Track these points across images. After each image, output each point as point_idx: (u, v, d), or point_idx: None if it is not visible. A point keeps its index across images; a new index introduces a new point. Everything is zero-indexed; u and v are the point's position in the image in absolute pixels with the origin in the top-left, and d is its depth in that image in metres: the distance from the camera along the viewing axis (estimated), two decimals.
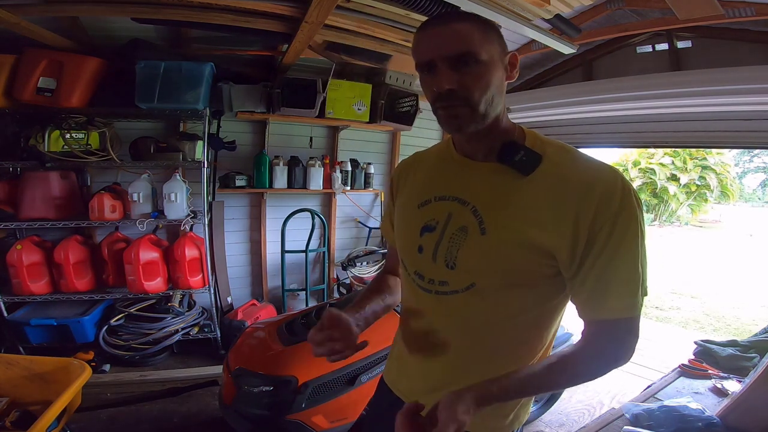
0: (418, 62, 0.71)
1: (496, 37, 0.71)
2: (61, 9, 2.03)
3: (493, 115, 0.71)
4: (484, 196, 0.74)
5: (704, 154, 12.41)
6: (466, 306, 0.75)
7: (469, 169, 0.78)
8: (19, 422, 1.45)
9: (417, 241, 0.80)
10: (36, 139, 2.39)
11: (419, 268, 0.80)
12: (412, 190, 0.86)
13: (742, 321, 5.13)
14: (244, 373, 1.70)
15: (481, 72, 0.68)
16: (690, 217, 13.80)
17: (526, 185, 0.71)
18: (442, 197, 0.79)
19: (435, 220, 0.78)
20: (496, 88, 0.70)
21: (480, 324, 0.76)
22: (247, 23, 2.19)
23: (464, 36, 0.67)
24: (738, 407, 1.56)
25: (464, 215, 0.75)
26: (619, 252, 0.66)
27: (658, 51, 2.92)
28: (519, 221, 0.70)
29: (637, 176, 13.05)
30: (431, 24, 0.70)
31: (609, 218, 0.66)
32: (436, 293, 0.77)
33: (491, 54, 0.69)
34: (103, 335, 2.58)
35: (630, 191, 0.67)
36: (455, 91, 0.68)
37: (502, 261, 0.71)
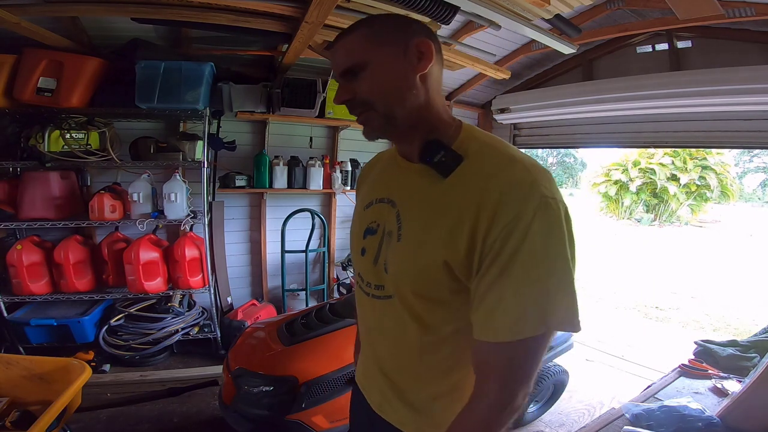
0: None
1: (390, 35, 0.68)
2: (61, 9, 2.03)
3: (402, 112, 0.68)
4: (406, 199, 0.72)
5: (704, 154, 12.40)
6: (393, 312, 0.73)
7: (403, 171, 0.76)
8: (19, 422, 1.45)
9: (361, 243, 0.79)
10: (36, 139, 2.39)
11: (361, 270, 0.79)
12: (365, 192, 0.85)
13: (742, 321, 5.12)
14: (244, 373, 1.70)
15: (370, 76, 0.67)
16: (690, 217, 13.80)
17: (443, 189, 0.67)
18: (380, 199, 0.78)
19: (376, 223, 0.77)
20: (395, 85, 0.67)
21: (403, 331, 0.73)
22: (247, 23, 2.19)
23: (349, 49, 0.68)
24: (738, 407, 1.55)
25: (391, 219, 0.73)
26: (511, 268, 0.59)
27: (658, 51, 2.92)
28: (426, 229, 0.67)
29: (637, 176, 13.06)
30: (331, 44, 0.72)
31: (504, 228, 0.59)
32: (372, 297, 0.77)
33: (381, 55, 0.67)
34: (103, 335, 2.58)
35: (534, 198, 0.59)
36: (354, 100, 0.69)
37: (410, 270, 0.68)
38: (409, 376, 0.77)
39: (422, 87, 0.69)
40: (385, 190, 0.78)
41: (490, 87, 3.75)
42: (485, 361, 0.64)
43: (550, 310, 0.60)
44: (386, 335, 0.78)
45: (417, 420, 0.77)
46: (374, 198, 0.79)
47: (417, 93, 0.68)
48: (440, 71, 0.73)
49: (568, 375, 2.37)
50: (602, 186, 14.28)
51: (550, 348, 2.16)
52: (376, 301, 0.76)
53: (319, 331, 1.82)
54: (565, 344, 2.27)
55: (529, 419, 2.27)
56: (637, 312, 5.27)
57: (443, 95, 0.75)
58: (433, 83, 0.70)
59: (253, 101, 2.91)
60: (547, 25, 2.44)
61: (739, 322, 5.10)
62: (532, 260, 0.59)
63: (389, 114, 0.68)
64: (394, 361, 0.79)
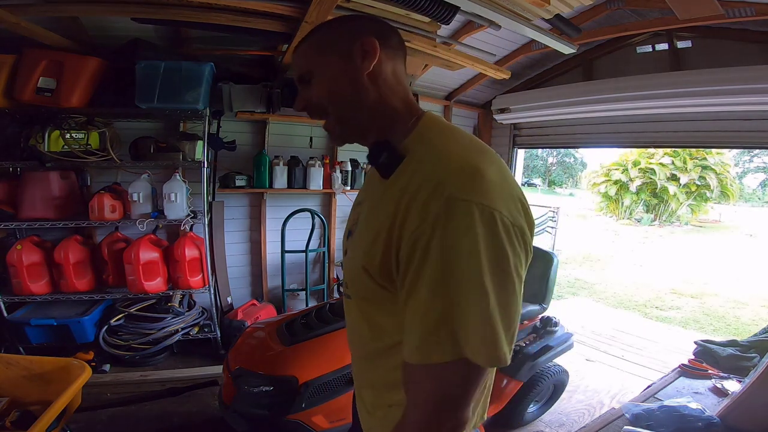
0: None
1: (334, 40, 0.67)
2: (61, 9, 2.03)
3: (353, 115, 0.69)
4: (367, 201, 0.73)
5: (704, 154, 12.41)
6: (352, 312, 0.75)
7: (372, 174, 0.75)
8: (19, 422, 1.45)
9: (345, 244, 0.79)
10: (36, 139, 2.39)
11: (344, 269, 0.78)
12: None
13: (742, 321, 5.13)
14: (244, 373, 1.70)
15: (318, 83, 0.68)
16: (690, 217, 13.80)
17: (382, 190, 0.64)
18: (359, 201, 0.79)
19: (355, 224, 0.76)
20: (341, 89, 0.67)
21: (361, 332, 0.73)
22: (247, 23, 2.19)
23: (299, 58, 0.70)
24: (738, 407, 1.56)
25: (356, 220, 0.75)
26: (420, 281, 0.53)
27: (658, 51, 2.92)
28: (362, 232, 0.68)
29: (637, 176, 13.06)
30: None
31: (412, 235, 0.53)
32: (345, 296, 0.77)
33: (326, 61, 0.67)
34: (103, 335, 2.58)
35: (438, 199, 0.52)
36: (310, 107, 0.70)
37: (351, 271, 0.70)
38: (365, 379, 0.77)
39: (372, 86, 0.67)
40: (362, 192, 0.81)
41: (490, 87, 3.76)
42: (405, 382, 0.60)
43: (463, 337, 0.51)
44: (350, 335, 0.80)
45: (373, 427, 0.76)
46: (356, 201, 0.82)
47: (367, 94, 0.67)
48: (396, 66, 0.70)
49: (568, 375, 2.37)
50: (602, 186, 14.28)
51: (550, 348, 2.17)
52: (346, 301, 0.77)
53: (319, 331, 1.82)
54: (565, 344, 2.27)
55: (529, 419, 2.28)
56: (638, 312, 5.27)
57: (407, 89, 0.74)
58: (387, 80, 0.68)
59: (253, 101, 2.91)
60: (547, 25, 2.44)
61: (739, 322, 5.10)
62: (436, 277, 0.52)
63: (341, 118, 0.70)
64: (355, 364, 0.80)
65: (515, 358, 2.08)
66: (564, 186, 26.83)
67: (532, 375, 2.11)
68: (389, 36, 0.70)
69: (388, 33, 0.70)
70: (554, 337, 2.23)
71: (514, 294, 0.54)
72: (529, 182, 25.09)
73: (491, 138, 4.12)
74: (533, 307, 2.25)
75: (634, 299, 5.91)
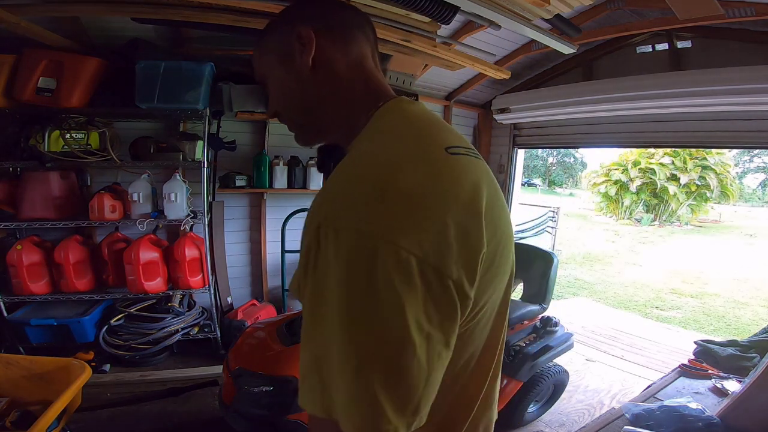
0: None
1: (273, 40, 0.62)
2: (61, 9, 2.03)
3: (304, 116, 0.63)
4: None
5: (704, 154, 12.41)
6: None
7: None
8: (19, 422, 1.45)
9: None
10: (36, 139, 2.39)
11: None
12: None
13: (742, 321, 5.13)
14: (244, 373, 1.70)
15: (271, 87, 0.64)
16: (690, 217, 13.80)
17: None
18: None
19: None
20: (288, 89, 0.61)
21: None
22: (247, 23, 2.19)
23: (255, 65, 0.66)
24: (738, 407, 1.56)
25: None
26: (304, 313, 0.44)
27: (658, 51, 2.92)
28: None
29: (637, 176, 13.06)
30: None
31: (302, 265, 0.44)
32: None
33: (269, 65, 0.63)
34: (103, 335, 2.58)
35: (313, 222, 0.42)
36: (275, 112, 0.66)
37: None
38: None
39: (319, 80, 0.59)
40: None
41: (490, 87, 3.76)
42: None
43: (327, 395, 0.41)
44: None
45: None
46: None
47: (313, 90, 0.59)
48: (350, 48, 0.60)
49: (568, 375, 2.38)
50: (602, 186, 14.28)
51: (550, 348, 2.17)
52: None
53: None
54: (565, 344, 2.27)
55: (529, 419, 2.28)
56: (638, 312, 5.27)
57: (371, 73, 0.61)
58: (337, 68, 0.59)
59: (253, 101, 2.90)
60: (547, 25, 2.44)
61: (739, 322, 5.11)
62: (306, 315, 0.43)
63: (294, 121, 0.65)
64: None
65: (515, 358, 2.08)
66: (564, 186, 26.82)
67: (532, 375, 2.12)
68: (332, 16, 0.60)
69: (330, 13, 0.60)
70: (554, 337, 2.23)
71: (411, 356, 0.40)
72: (529, 182, 25.08)
73: (491, 138, 4.12)
74: (533, 307, 2.25)
75: (634, 299, 5.91)
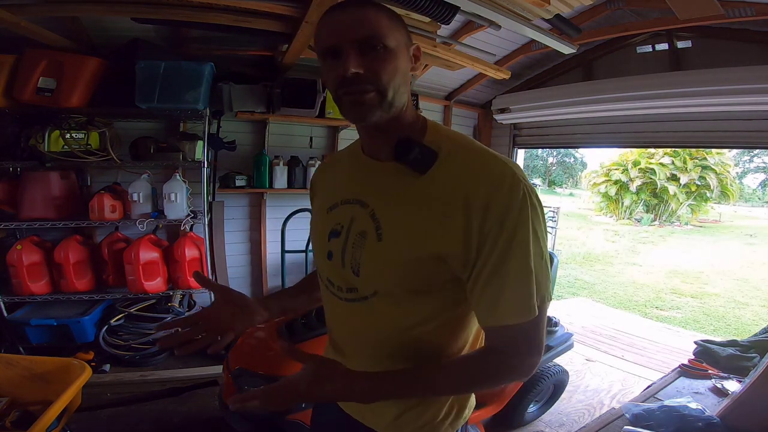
0: (322, 48, 0.66)
1: (403, 27, 0.69)
2: (61, 9, 2.03)
3: (398, 104, 0.68)
4: (381, 198, 0.71)
5: (704, 154, 12.41)
6: (373, 313, 0.72)
7: (372, 170, 0.74)
8: (19, 422, 1.45)
9: (326, 247, 0.76)
10: (36, 139, 2.39)
11: (330, 274, 0.77)
12: (325, 194, 0.82)
13: (742, 321, 5.13)
14: (244, 373, 1.70)
15: (389, 57, 0.65)
16: (690, 217, 13.81)
17: (422, 185, 0.67)
18: (346, 200, 0.75)
19: (340, 225, 0.74)
20: (402, 75, 0.67)
21: (388, 331, 0.73)
22: (247, 23, 2.20)
23: (372, 21, 0.64)
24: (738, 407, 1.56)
25: (364, 219, 0.71)
26: (509, 256, 0.62)
27: (658, 51, 2.92)
28: (413, 226, 0.67)
29: (637, 176, 13.06)
30: (337, 9, 0.65)
31: (497, 220, 0.62)
32: (346, 300, 0.74)
33: (398, 41, 0.66)
34: (103, 335, 2.58)
35: (518, 189, 0.63)
36: (362, 75, 0.63)
37: (398, 267, 0.68)
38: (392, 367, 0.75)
39: (409, 86, 0.72)
40: (350, 191, 0.76)
41: (490, 87, 3.76)
42: (497, 344, 0.68)
43: (544, 287, 0.65)
44: (370, 334, 0.75)
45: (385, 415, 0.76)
46: (338, 200, 0.77)
47: (408, 91, 0.71)
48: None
49: (568, 375, 2.37)
50: (602, 186, 14.29)
51: (550, 348, 2.17)
52: (352, 305, 0.74)
53: (319, 331, 1.82)
54: (565, 344, 2.27)
55: (529, 419, 2.27)
56: (638, 312, 5.27)
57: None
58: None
59: (253, 101, 2.91)
60: (547, 25, 2.44)
61: (739, 322, 5.11)
62: (526, 248, 0.63)
63: (391, 101, 0.67)
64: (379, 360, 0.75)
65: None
66: (564, 186, 26.83)
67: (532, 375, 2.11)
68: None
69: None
70: (554, 337, 2.23)
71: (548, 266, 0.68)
72: None
73: (491, 138, 4.12)
74: None
75: (634, 299, 5.92)
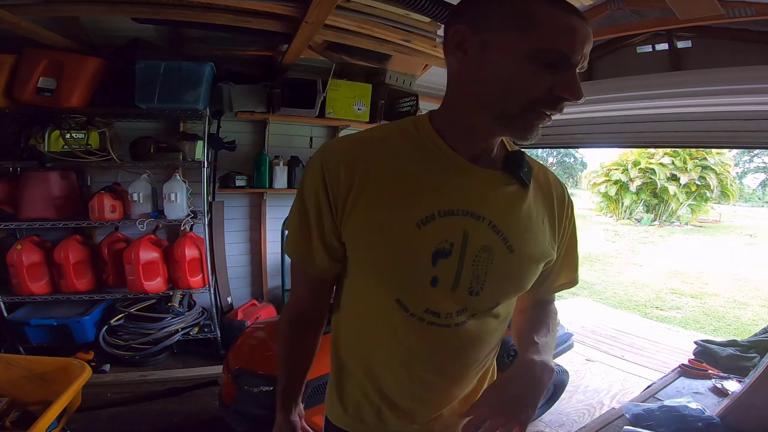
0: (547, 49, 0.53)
1: None
2: (61, 9, 2.03)
3: None
4: (498, 209, 0.65)
5: (704, 154, 12.40)
6: (483, 326, 0.69)
7: (477, 176, 0.65)
8: (19, 422, 1.45)
9: (430, 272, 0.62)
10: (36, 139, 2.39)
11: (433, 305, 0.64)
12: (391, 199, 0.62)
13: (742, 321, 5.13)
14: (244, 373, 1.70)
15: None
16: (690, 217, 13.80)
17: (523, 194, 0.69)
18: (449, 211, 0.62)
19: (449, 242, 0.62)
20: None
21: (493, 341, 0.74)
22: (247, 23, 2.19)
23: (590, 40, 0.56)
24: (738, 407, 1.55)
25: (483, 233, 0.64)
26: (574, 237, 0.79)
27: (658, 51, 2.92)
28: (533, 233, 0.69)
29: (637, 176, 13.06)
30: (571, 14, 0.54)
31: (570, 212, 0.77)
32: (455, 326, 0.66)
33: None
34: (103, 335, 2.58)
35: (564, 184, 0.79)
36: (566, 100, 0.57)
37: (525, 276, 0.69)
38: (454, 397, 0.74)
39: None
40: (449, 200, 0.63)
41: None
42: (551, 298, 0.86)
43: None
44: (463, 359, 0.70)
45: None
46: (435, 210, 0.62)
47: None
48: None
49: (568, 375, 2.37)
50: (602, 186, 14.28)
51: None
52: (459, 328, 0.66)
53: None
54: (565, 344, 2.27)
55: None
56: (638, 312, 5.27)
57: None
58: None
59: (253, 101, 2.91)
60: None
61: (739, 322, 5.11)
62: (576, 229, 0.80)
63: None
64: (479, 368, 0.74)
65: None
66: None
67: None
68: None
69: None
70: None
71: None
72: None
73: None
74: None
75: (634, 299, 5.91)
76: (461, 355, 0.70)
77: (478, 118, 0.61)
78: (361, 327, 0.73)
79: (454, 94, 0.64)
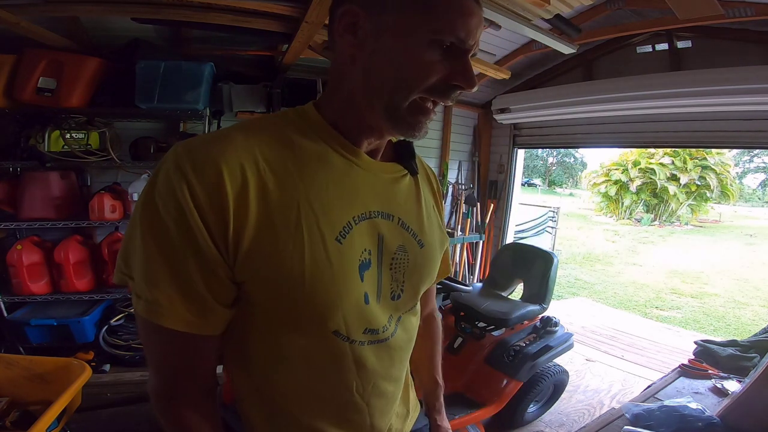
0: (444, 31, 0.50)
1: None
2: (61, 9, 2.02)
3: None
4: (402, 204, 0.63)
5: (704, 154, 12.41)
6: (408, 329, 0.68)
7: (377, 171, 0.60)
8: (19, 422, 1.45)
9: (361, 289, 0.55)
10: (36, 139, 2.39)
11: (369, 323, 0.57)
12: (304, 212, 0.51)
13: (742, 321, 5.13)
14: None
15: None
16: (690, 217, 13.81)
17: (413, 183, 0.68)
18: (362, 216, 0.56)
19: (367, 251, 0.56)
20: None
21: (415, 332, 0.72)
22: (247, 23, 2.19)
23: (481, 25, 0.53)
24: (738, 407, 1.55)
25: (395, 232, 0.60)
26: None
27: (658, 51, 2.92)
28: (432, 222, 0.69)
29: (637, 176, 13.07)
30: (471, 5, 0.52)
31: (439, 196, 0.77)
32: (391, 336, 0.62)
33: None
34: (103, 335, 2.58)
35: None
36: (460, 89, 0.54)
37: (435, 266, 0.70)
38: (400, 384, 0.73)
39: None
40: (363, 202, 0.57)
41: (490, 87, 3.75)
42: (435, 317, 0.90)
43: None
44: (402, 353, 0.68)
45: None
46: (350, 218, 0.55)
47: None
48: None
49: (568, 375, 2.37)
50: (602, 186, 14.29)
51: (550, 348, 2.17)
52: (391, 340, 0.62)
53: None
54: (566, 344, 2.27)
55: (529, 419, 2.27)
56: (638, 312, 5.27)
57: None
58: None
59: (253, 101, 2.91)
60: (547, 25, 2.44)
61: (739, 322, 5.11)
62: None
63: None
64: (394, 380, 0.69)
65: (515, 358, 2.08)
66: (564, 186, 26.84)
67: (532, 375, 2.11)
68: None
69: None
70: (554, 337, 2.23)
71: None
72: (529, 182, 25.08)
73: (491, 138, 4.12)
74: (533, 307, 2.25)
75: (634, 299, 5.91)
76: (402, 358, 0.67)
77: (371, 110, 0.55)
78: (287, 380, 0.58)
79: (344, 84, 0.56)
